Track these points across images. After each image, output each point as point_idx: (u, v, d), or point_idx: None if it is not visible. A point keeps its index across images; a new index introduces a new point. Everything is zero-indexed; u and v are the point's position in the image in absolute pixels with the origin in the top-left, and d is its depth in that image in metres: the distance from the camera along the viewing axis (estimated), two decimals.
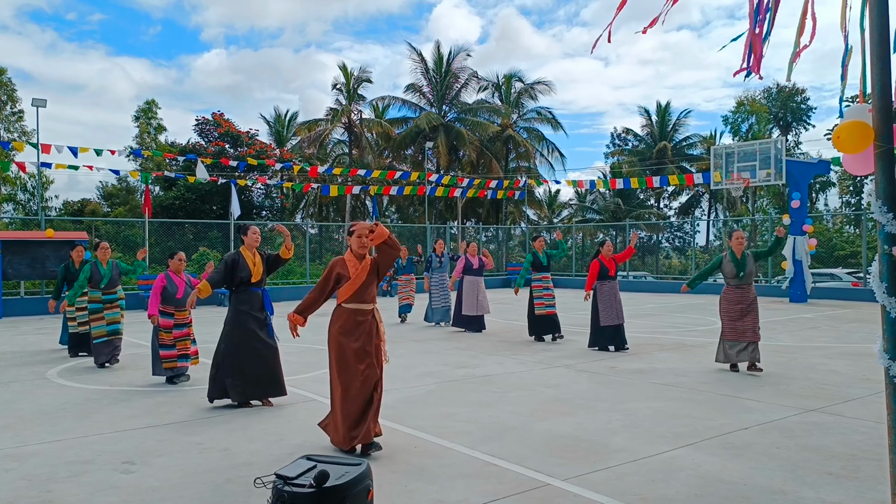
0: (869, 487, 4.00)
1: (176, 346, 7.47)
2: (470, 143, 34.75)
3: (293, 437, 5.26)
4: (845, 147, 3.28)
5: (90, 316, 8.84)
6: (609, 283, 9.73)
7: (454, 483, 4.14)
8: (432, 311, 13.25)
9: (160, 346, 7.45)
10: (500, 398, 6.52)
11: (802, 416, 5.75)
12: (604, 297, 9.65)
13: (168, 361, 7.43)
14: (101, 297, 8.83)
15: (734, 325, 7.83)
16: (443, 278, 13.19)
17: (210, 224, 23.23)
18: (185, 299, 7.56)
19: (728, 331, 7.88)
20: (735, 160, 18.59)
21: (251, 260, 6.49)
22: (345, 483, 2.72)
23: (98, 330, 8.72)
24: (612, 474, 4.27)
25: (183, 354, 7.51)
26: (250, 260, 6.48)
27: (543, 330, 10.75)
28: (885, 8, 3.12)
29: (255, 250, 6.57)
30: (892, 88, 3.14)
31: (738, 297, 7.89)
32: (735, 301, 7.89)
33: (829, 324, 12.70)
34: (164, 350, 7.44)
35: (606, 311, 9.57)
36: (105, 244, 9.00)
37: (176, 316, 7.53)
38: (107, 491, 4.08)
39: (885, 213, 3.07)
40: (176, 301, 7.51)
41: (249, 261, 6.48)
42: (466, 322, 12.04)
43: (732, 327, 7.84)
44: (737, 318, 7.82)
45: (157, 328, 7.42)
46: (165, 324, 7.47)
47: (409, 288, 14.10)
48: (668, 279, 28.33)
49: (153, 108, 36.29)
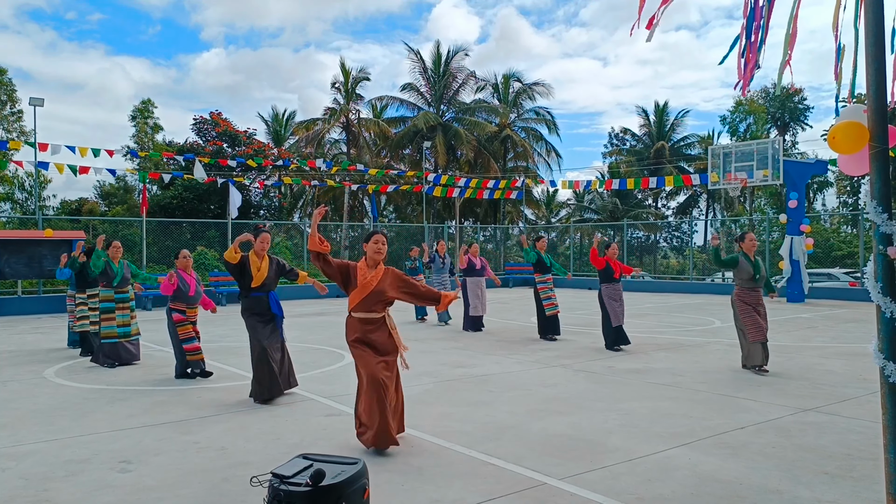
0: (865, 487, 4.02)
1: (198, 338, 7.71)
2: (468, 143, 34.75)
3: (290, 436, 5.26)
4: (841, 147, 3.29)
5: (101, 315, 8.81)
6: (614, 285, 9.74)
7: (451, 482, 4.15)
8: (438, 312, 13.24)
9: (182, 340, 7.60)
10: (497, 398, 6.52)
11: (799, 415, 5.76)
12: (611, 299, 9.66)
13: (193, 354, 7.61)
14: (113, 295, 8.82)
15: (759, 325, 7.76)
16: (443, 279, 13.18)
17: (208, 223, 23.21)
18: (197, 297, 7.81)
19: (755, 332, 7.74)
20: (732, 160, 18.61)
21: (256, 265, 6.57)
22: (341, 482, 2.72)
23: (108, 330, 8.69)
24: (609, 474, 4.28)
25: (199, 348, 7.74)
26: (255, 265, 6.57)
27: (552, 330, 10.89)
28: (881, 9, 3.13)
29: (264, 255, 6.68)
30: (887, 89, 3.15)
31: (755, 299, 7.89)
32: (754, 302, 7.87)
33: (827, 324, 12.72)
34: (188, 343, 7.61)
35: (614, 313, 9.60)
36: (117, 243, 8.98)
37: (188, 313, 7.72)
38: (103, 490, 4.08)
39: (881, 214, 3.08)
40: (188, 298, 7.70)
41: (254, 266, 6.56)
42: (474, 323, 12.12)
43: (758, 327, 7.75)
44: (757, 316, 7.80)
45: (174, 325, 7.63)
46: (179, 318, 7.66)
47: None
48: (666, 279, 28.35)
49: (149, 107, 36.28)
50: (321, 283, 7.23)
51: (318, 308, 17.05)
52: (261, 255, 6.65)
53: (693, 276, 26.06)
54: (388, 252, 5.14)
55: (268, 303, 6.65)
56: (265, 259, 6.67)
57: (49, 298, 16.98)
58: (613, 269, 9.74)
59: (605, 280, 9.76)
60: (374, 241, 4.97)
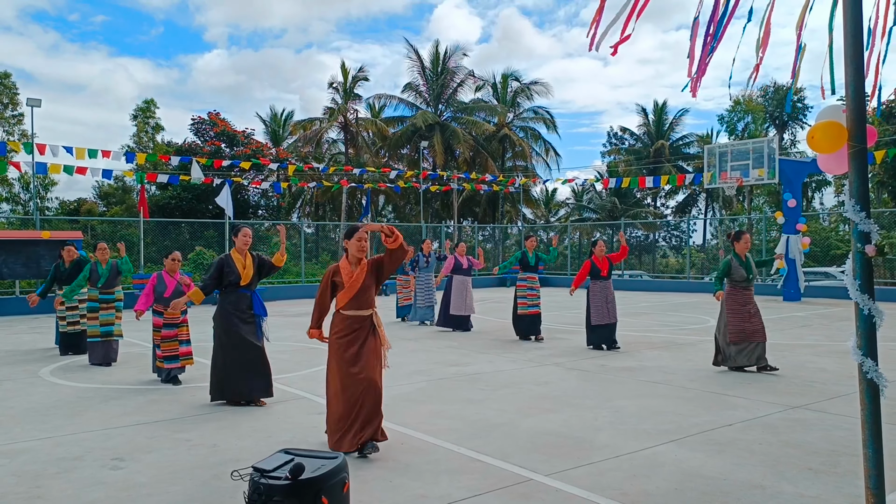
0: (847, 482, 4.06)
1: (160, 347, 7.44)
2: (465, 142, 34.80)
3: (281, 433, 5.31)
4: (820, 147, 3.33)
5: (87, 314, 8.91)
6: (601, 282, 9.75)
7: (438, 478, 4.19)
8: (416, 310, 13.24)
9: (154, 345, 7.54)
10: (488, 396, 6.57)
11: (787, 412, 5.80)
12: (595, 297, 9.70)
13: (158, 362, 7.49)
14: (98, 296, 8.89)
15: (742, 327, 7.73)
16: (428, 278, 13.16)
17: (206, 223, 23.25)
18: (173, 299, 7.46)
19: (736, 332, 7.74)
20: (729, 159, 18.67)
21: (241, 262, 6.39)
22: (320, 475, 2.77)
23: (92, 329, 8.79)
24: (595, 470, 4.32)
25: (168, 356, 7.42)
26: (240, 262, 6.39)
27: (525, 329, 10.76)
28: (859, 9, 3.16)
29: (246, 252, 6.49)
30: (864, 89, 3.19)
31: (745, 299, 7.87)
32: (743, 302, 7.84)
33: (822, 322, 12.77)
34: (157, 350, 7.49)
35: (597, 311, 9.61)
36: (103, 244, 9.05)
37: (165, 315, 7.50)
38: (95, 486, 4.12)
39: (858, 212, 3.13)
40: (164, 300, 7.54)
41: (239, 263, 6.38)
42: (454, 322, 12.05)
43: (741, 329, 7.73)
44: (746, 320, 7.76)
45: (154, 328, 7.51)
46: (157, 322, 7.53)
47: (410, 288, 13.89)
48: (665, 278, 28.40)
49: (151, 107, 36.37)
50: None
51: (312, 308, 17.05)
52: (243, 252, 6.44)
53: (691, 275, 26.10)
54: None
55: (251, 301, 6.42)
56: (248, 256, 6.46)
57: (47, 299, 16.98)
58: (599, 267, 9.78)
59: (592, 277, 9.81)
60: (356, 238, 4.88)
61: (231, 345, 6.24)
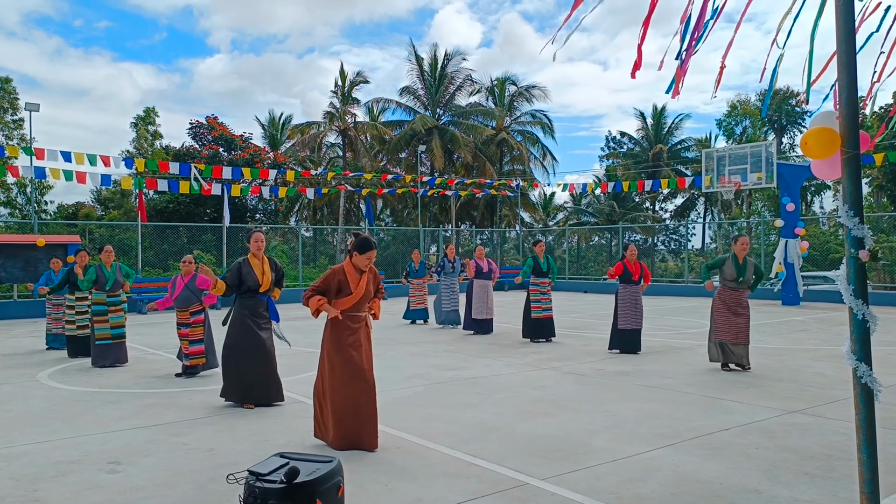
0: (843, 486, 4.07)
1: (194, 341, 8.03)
2: (464, 146, 34.83)
3: (278, 437, 5.32)
4: (813, 153, 3.35)
5: (94, 318, 8.92)
6: (631, 287, 9.72)
7: (434, 482, 4.20)
8: (442, 314, 13.29)
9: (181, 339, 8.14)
10: (485, 399, 6.58)
11: (784, 417, 5.81)
12: (624, 300, 9.66)
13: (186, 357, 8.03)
14: (105, 299, 8.95)
15: (728, 321, 8.08)
16: (453, 282, 13.23)
17: (204, 227, 23.27)
18: (181, 301, 8.01)
19: (722, 328, 8.10)
20: (727, 163, 18.71)
21: (259, 268, 6.36)
22: (315, 479, 2.78)
23: (101, 332, 8.82)
24: (591, 474, 4.33)
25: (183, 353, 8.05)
26: (258, 268, 6.36)
27: (538, 333, 10.89)
28: (851, 14, 3.19)
29: (263, 256, 6.46)
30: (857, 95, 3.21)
31: (734, 300, 8.19)
32: (731, 303, 8.19)
33: (820, 326, 12.78)
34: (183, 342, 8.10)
35: (625, 315, 9.59)
36: (109, 248, 9.12)
37: (178, 316, 8.08)
38: (92, 490, 4.13)
39: (852, 218, 3.14)
40: (174, 301, 8.06)
41: (258, 269, 6.35)
42: (477, 325, 12.13)
43: (727, 323, 8.08)
44: (731, 316, 8.09)
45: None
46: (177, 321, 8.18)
47: (423, 292, 13.94)
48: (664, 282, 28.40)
49: (151, 115, 36.58)
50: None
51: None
52: (259, 257, 6.42)
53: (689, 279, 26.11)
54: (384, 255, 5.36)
55: (267, 305, 6.50)
56: (265, 261, 6.45)
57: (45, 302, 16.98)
58: (631, 271, 9.72)
59: (622, 280, 9.77)
60: (367, 256, 5.07)
61: (248, 350, 6.28)
